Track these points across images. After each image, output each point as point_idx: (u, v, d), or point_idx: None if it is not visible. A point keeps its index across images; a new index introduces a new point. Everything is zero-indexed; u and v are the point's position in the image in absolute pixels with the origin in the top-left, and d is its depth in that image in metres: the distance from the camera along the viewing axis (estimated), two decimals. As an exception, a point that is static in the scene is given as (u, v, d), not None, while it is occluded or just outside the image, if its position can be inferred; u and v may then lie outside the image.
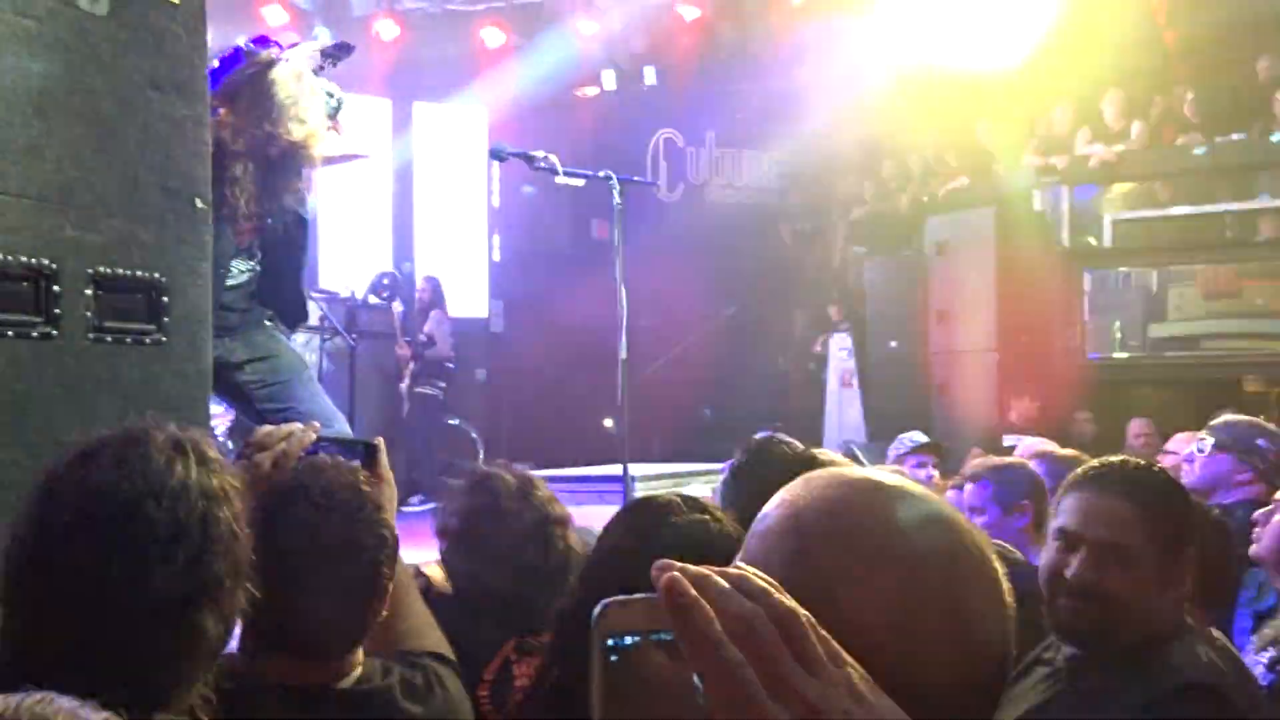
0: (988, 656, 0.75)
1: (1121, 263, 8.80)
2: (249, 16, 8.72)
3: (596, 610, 0.62)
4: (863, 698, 0.61)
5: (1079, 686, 1.81)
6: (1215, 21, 8.74)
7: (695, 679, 0.59)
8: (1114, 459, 1.91)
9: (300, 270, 3.70)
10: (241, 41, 3.22)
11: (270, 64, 3.23)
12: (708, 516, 1.39)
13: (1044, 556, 1.91)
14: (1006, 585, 0.77)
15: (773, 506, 0.79)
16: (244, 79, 3.18)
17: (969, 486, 3.30)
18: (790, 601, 0.62)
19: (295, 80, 3.26)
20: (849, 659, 0.62)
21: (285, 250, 3.52)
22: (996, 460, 3.57)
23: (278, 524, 1.57)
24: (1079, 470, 1.93)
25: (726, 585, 0.62)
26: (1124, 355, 8.48)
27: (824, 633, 0.62)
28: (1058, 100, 9.05)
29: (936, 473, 5.01)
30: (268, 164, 3.29)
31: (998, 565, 0.77)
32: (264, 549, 1.48)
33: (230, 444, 6.42)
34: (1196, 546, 1.87)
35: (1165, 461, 4.99)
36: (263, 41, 3.27)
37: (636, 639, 0.62)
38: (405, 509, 8.10)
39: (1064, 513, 1.86)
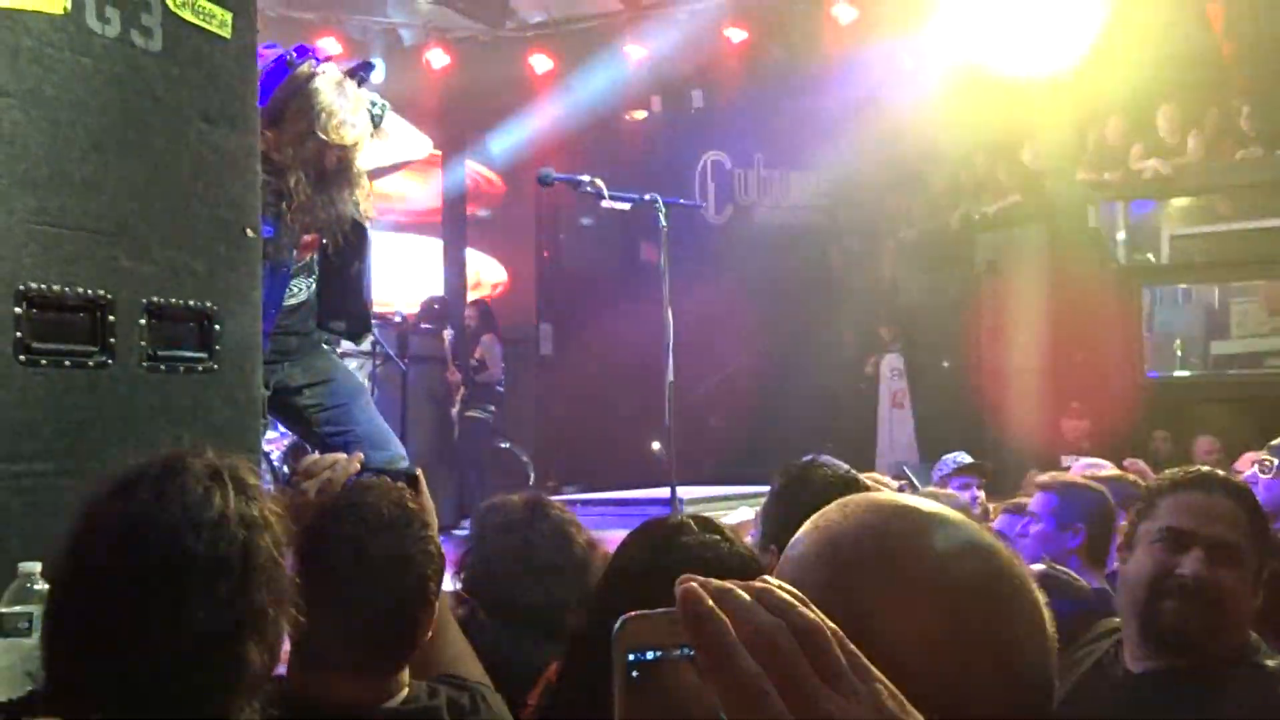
0: (1031, 687, 0.73)
1: (1182, 279, 8.63)
2: (310, 45, 8.88)
3: (617, 624, 0.61)
4: (891, 715, 0.59)
5: (1156, 700, 1.76)
6: (1276, 34, 8.58)
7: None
8: (1199, 468, 1.90)
9: (363, 279, 3.69)
10: (284, 53, 3.24)
11: (311, 75, 3.26)
12: (719, 537, 1.38)
13: (1142, 562, 1.85)
14: (1048, 614, 0.75)
15: (806, 532, 0.78)
16: (289, 92, 3.21)
17: (1036, 494, 3.32)
18: (816, 614, 0.60)
19: (337, 88, 3.29)
20: (878, 674, 0.60)
21: (347, 260, 3.53)
22: (1072, 478, 3.54)
23: (329, 540, 1.60)
24: (1173, 475, 1.91)
25: (748, 598, 0.60)
26: (1186, 373, 8.30)
27: (852, 647, 0.60)
28: (1110, 114, 8.92)
29: (982, 494, 4.93)
30: (321, 174, 3.30)
31: (1039, 594, 0.75)
32: (314, 566, 1.53)
33: (286, 467, 6.52)
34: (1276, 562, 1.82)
35: (1245, 479, 4.87)
36: (303, 51, 3.30)
37: (659, 654, 0.60)
38: (457, 532, 8.17)
39: (1168, 513, 1.82)
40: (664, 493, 4.46)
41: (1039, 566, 2.71)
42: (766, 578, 0.64)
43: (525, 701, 1.89)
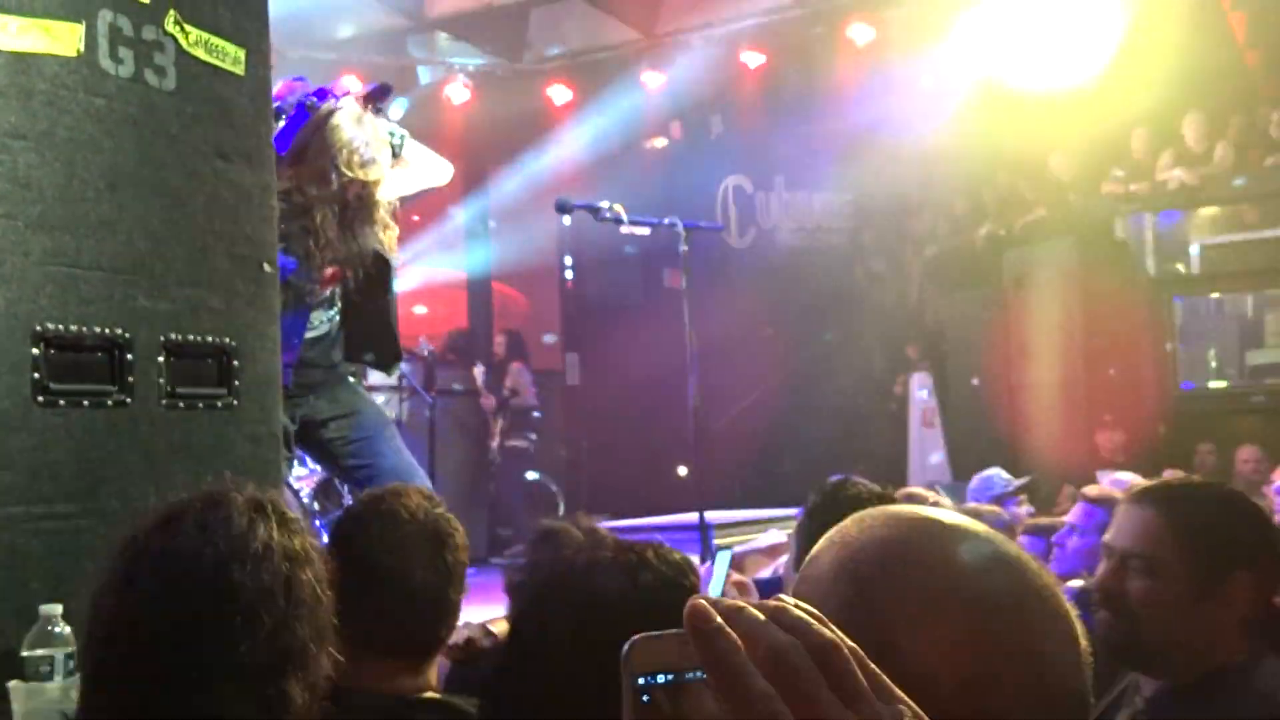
0: (1064, 703, 0.70)
1: (1213, 289, 8.50)
2: (333, 87, 9.00)
3: (626, 647, 0.58)
4: None
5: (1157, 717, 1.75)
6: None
7: None
8: (1174, 478, 1.93)
9: (389, 310, 3.72)
10: (303, 98, 3.29)
11: (331, 112, 3.30)
12: (677, 574, 1.36)
13: None
14: (1080, 627, 0.72)
15: (823, 549, 0.75)
16: (310, 132, 3.25)
17: (1078, 506, 3.28)
18: (834, 632, 0.57)
19: (356, 123, 3.32)
20: (901, 695, 0.57)
21: (372, 293, 3.55)
22: (1116, 491, 3.50)
23: (373, 526, 1.71)
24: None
25: (760, 616, 0.57)
26: (1221, 384, 8.17)
27: (873, 667, 0.57)
28: (1134, 126, 8.85)
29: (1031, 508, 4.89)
30: (345, 209, 3.34)
31: (1069, 606, 0.72)
32: (358, 552, 1.66)
33: (317, 504, 6.53)
34: (1263, 572, 1.76)
35: (1271, 491, 4.78)
36: (323, 94, 3.34)
37: (670, 677, 0.57)
38: (497, 560, 8.16)
39: (1110, 528, 1.87)
40: (693, 518, 4.42)
41: (1077, 582, 2.65)
42: (782, 596, 0.61)
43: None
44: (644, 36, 9.75)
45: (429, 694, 1.73)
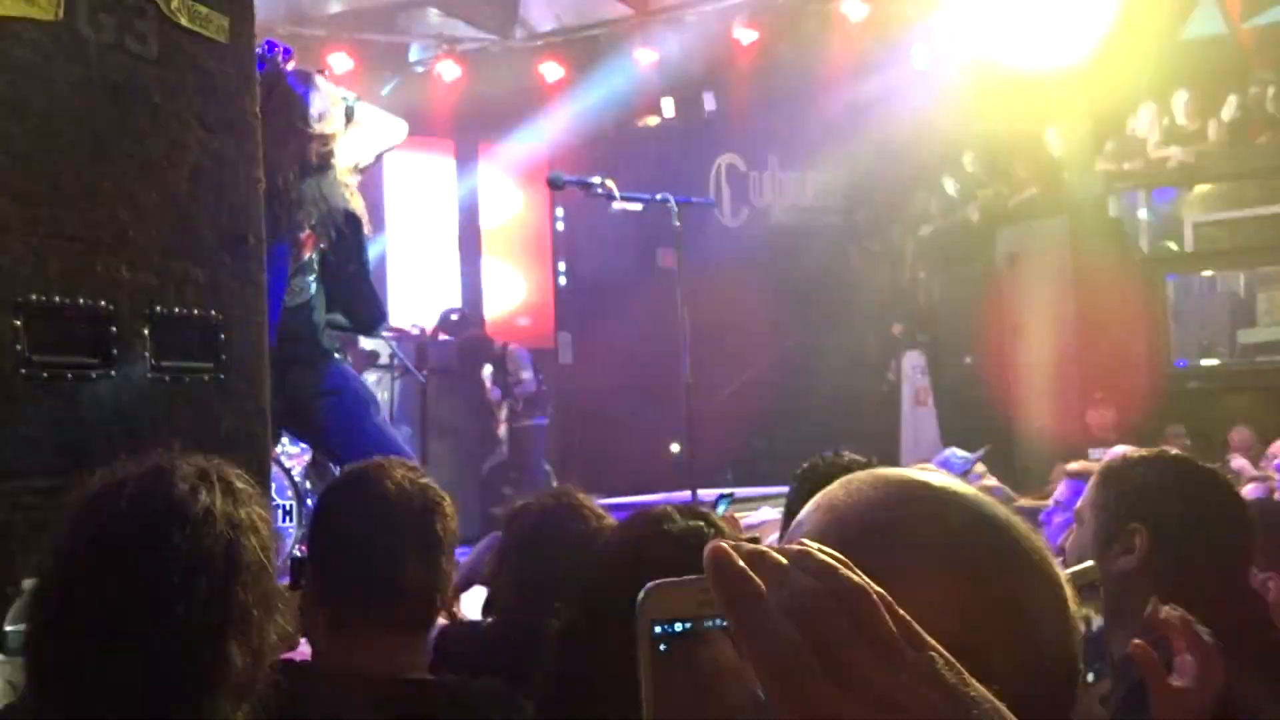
0: (1052, 667, 0.68)
1: (1206, 266, 8.50)
2: (313, 61, 8.93)
3: (641, 594, 0.55)
4: (948, 686, 0.52)
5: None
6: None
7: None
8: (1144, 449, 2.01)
9: (365, 268, 3.69)
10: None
11: (283, 73, 3.29)
12: (703, 523, 1.35)
13: None
14: (1070, 591, 0.70)
15: (809, 512, 0.73)
16: (264, 91, 3.24)
17: (1062, 483, 3.28)
18: (862, 579, 0.54)
19: (306, 80, 3.32)
20: (932, 643, 0.54)
21: (347, 255, 3.54)
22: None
23: (358, 497, 1.71)
24: None
25: (784, 561, 0.54)
26: (1212, 362, 8.18)
27: (902, 613, 0.54)
28: (1127, 103, 8.83)
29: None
30: (307, 169, 3.33)
31: (1060, 571, 0.71)
32: (344, 524, 1.68)
33: (309, 483, 6.50)
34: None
35: (1272, 467, 4.80)
36: (271, 47, 3.33)
37: (688, 625, 0.54)
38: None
39: None
40: (685, 496, 4.41)
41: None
42: (804, 540, 0.58)
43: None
44: (637, 13, 9.67)
45: (421, 675, 1.71)
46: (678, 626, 0.54)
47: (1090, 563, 1.58)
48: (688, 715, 0.53)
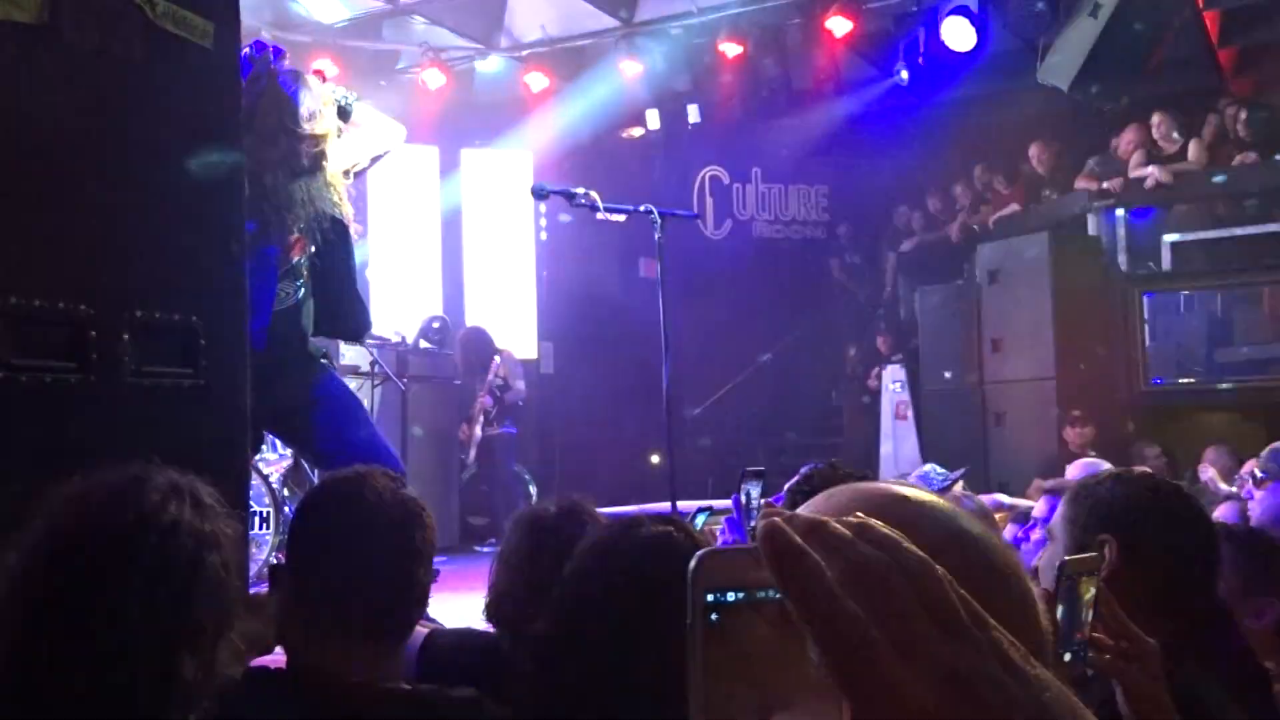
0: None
1: (1183, 285, 8.58)
2: (301, 68, 8.91)
3: (693, 562, 0.52)
4: (1017, 668, 0.50)
5: None
6: (1273, 39, 8.58)
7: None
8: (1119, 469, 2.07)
9: (352, 274, 3.66)
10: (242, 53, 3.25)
11: (274, 73, 3.27)
12: (672, 528, 1.36)
13: None
14: (1042, 607, 0.71)
15: None
16: (255, 92, 3.20)
17: (1040, 499, 3.30)
18: (923, 555, 0.52)
19: (297, 79, 3.30)
20: (994, 623, 0.52)
21: (333, 257, 3.51)
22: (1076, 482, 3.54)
23: (337, 506, 1.71)
24: None
25: (846, 532, 0.51)
26: (1189, 380, 8.25)
27: (963, 592, 0.52)
28: (1108, 123, 8.92)
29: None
30: (296, 171, 3.30)
31: (1032, 587, 0.72)
32: (323, 532, 1.67)
33: (287, 491, 6.45)
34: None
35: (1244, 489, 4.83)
36: (260, 47, 3.30)
37: (740, 595, 0.52)
38: (481, 549, 8.13)
39: None
40: (665, 507, 4.41)
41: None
42: (861, 514, 0.55)
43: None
44: (622, 25, 9.70)
45: (394, 684, 1.70)
46: (730, 596, 0.52)
47: (1094, 553, 1.61)
48: (739, 687, 0.51)
